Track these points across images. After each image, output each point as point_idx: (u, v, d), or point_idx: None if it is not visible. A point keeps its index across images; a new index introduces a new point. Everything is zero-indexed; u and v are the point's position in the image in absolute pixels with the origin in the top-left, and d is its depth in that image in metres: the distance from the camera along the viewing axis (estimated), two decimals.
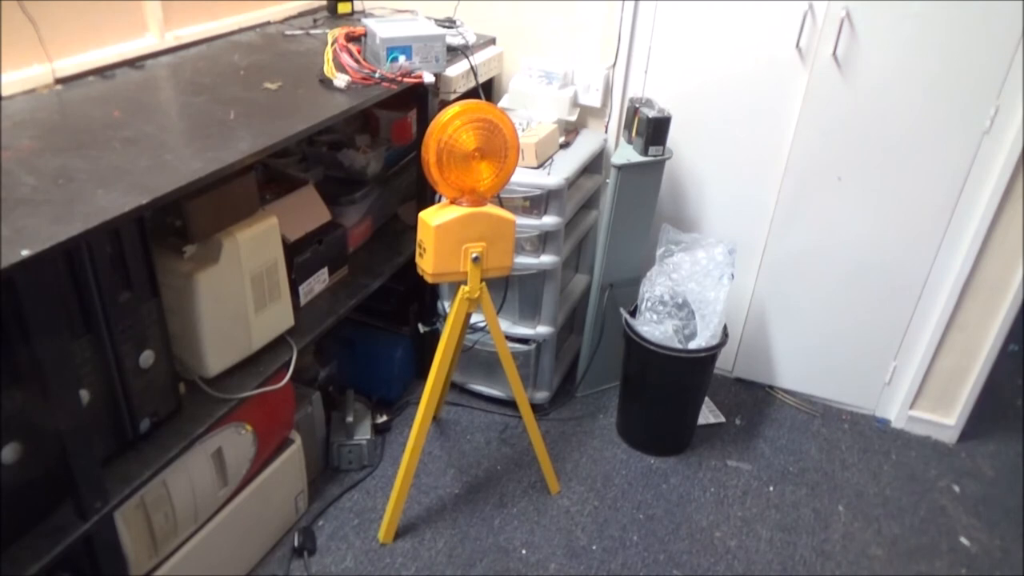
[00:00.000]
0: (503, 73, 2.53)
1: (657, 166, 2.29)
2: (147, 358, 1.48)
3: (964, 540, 2.18)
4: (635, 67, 2.41)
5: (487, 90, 2.45)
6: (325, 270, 2.07)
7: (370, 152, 2.25)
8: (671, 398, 2.35)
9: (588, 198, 2.51)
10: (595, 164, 2.50)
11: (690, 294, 2.25)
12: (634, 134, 2.26)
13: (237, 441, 1.75)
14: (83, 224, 1.18)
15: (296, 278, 1.94)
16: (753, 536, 2.14)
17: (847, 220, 2.37)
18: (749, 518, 2.20)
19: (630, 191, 2.27)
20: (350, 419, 2.26)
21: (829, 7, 2.12)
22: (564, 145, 2.36)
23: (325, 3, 2.54)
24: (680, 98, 2.38)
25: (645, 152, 2.22)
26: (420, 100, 2.14)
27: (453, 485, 2.24)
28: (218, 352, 1.68)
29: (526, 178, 2.15)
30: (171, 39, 2.03)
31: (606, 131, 2.52)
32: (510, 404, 2.47)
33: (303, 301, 2.00)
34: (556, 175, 2.17)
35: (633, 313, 2.33)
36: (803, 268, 2.50)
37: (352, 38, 2.12)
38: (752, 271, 2.56)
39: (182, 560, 1.66)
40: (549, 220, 2.21)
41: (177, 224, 1.56)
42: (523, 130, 2.26)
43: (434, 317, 2.46)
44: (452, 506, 2.17)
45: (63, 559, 1.32)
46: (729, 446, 2.46)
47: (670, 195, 2.54)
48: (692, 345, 2.24)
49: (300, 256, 1.95)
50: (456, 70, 2.17)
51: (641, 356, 2.28)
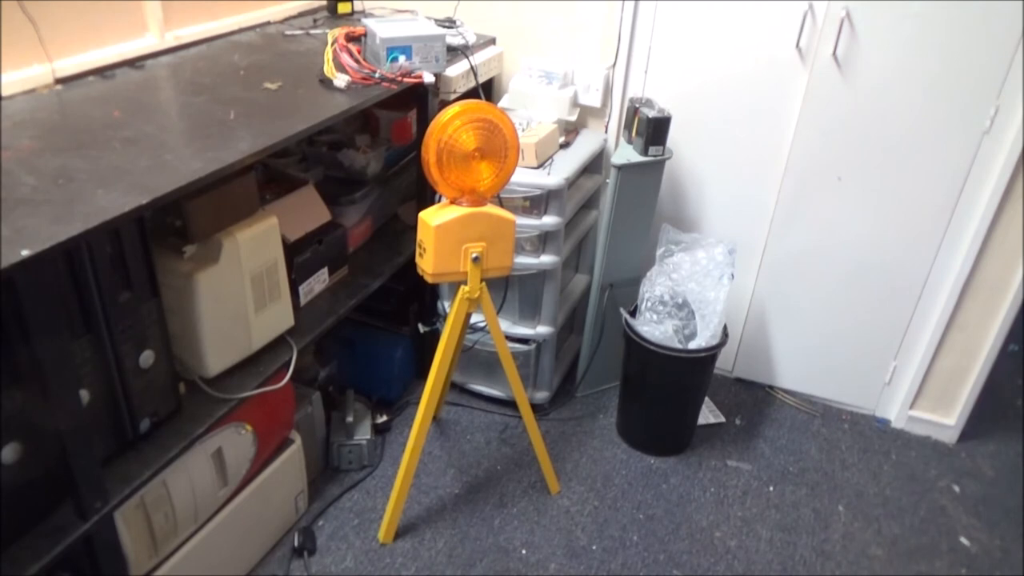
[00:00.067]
0: (503, 73, 2.53)
1: (657, 166, 2.29)
2: (147, 358, 1.48)
3: (964, 540, 2.18)
4: (635, 67, 2.41)
5: (487, 90, 2.45)
6: (325, 270, 2.07)
7: (370, 152, 2.25)
8: (671, 398, 2.35)
9: (588, 198, 2.51)
10: (595, 164, 2.50)
11: (690, 294, 2.25)
12: (634, 134, 2.26)
13: (237, 441, 1.75)
14: (83, 224, 1.18)
15: (296, 278, 1.94)
16: (753, 536, 2.14)
17: (847, 220, 2.37)
18: (749, 518, 2.20)
19: (630, 191, 2.27)
20: (350, 419, 2.26)
21: (829, 7, 2.12)
22: (564, 145, 2.36)
23: (325, 3, 2.54)
24: (680, 98, 2.38)
25: (645, 152, 2.22)
26: (420, 100, 2.14)
27: (453, 485, 2.24)
28: (218, 352, 1.68)
29: (526, 178, 2.15)
30: (171, 39, 2.03)
31: (606, 131, 2.52)
32: (510, 404, 2.47)
33: (303, 301, 2.00)
34: (556, 175, 2.17)
35: (633, 313, 2.33)
36: (803, 268, 2.50)
37: (352, 38, 2.12)
38: (752, 271, 2.56)
39: (182, 560, 1.66)
40: (549, 220, 2.21)
41: (177, 224, 1.56)
42: (523, 130, 2.26)
43: (434, 317, 2.46)
44: (452, 506, 2.17)
45: (63, 559, 1.32)
46: (729, 446, 2.46)
47: (670, 195, 2.54)
48: (692, 345, 2.24)
49: (300, 256, 1.95)
50: (456, 70, 2.17)
51: (641, 356, 2.28)
